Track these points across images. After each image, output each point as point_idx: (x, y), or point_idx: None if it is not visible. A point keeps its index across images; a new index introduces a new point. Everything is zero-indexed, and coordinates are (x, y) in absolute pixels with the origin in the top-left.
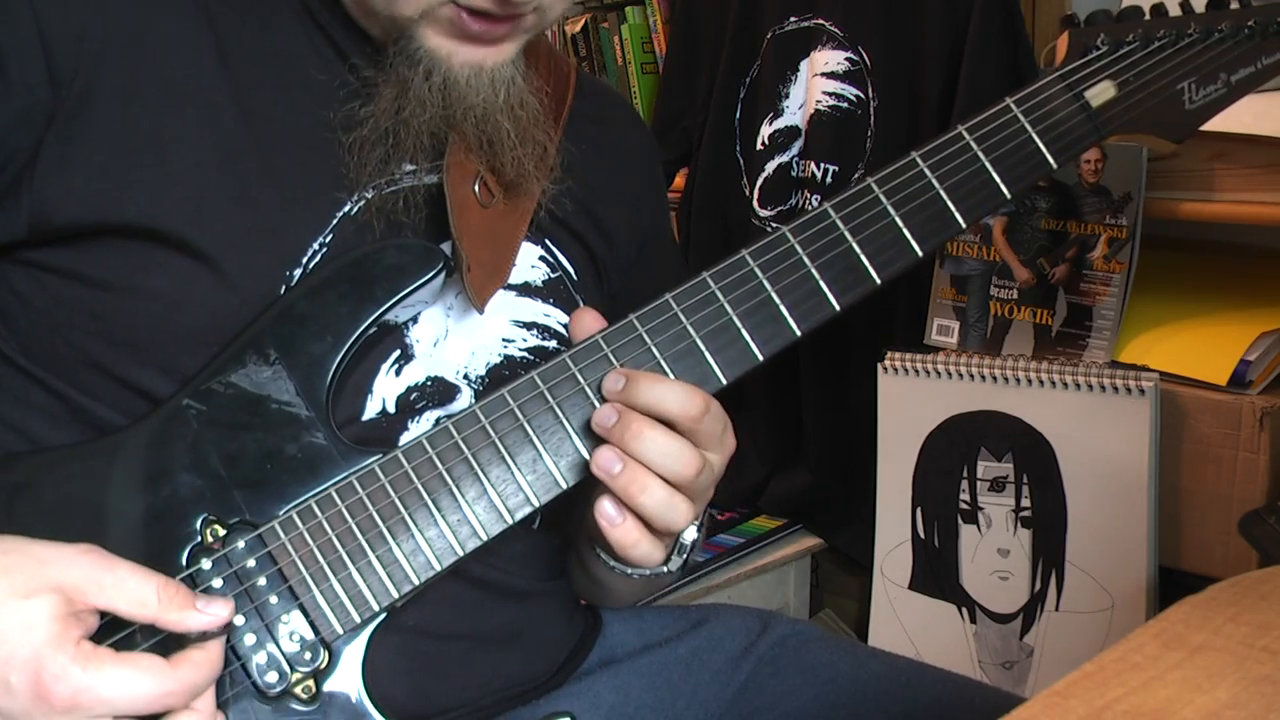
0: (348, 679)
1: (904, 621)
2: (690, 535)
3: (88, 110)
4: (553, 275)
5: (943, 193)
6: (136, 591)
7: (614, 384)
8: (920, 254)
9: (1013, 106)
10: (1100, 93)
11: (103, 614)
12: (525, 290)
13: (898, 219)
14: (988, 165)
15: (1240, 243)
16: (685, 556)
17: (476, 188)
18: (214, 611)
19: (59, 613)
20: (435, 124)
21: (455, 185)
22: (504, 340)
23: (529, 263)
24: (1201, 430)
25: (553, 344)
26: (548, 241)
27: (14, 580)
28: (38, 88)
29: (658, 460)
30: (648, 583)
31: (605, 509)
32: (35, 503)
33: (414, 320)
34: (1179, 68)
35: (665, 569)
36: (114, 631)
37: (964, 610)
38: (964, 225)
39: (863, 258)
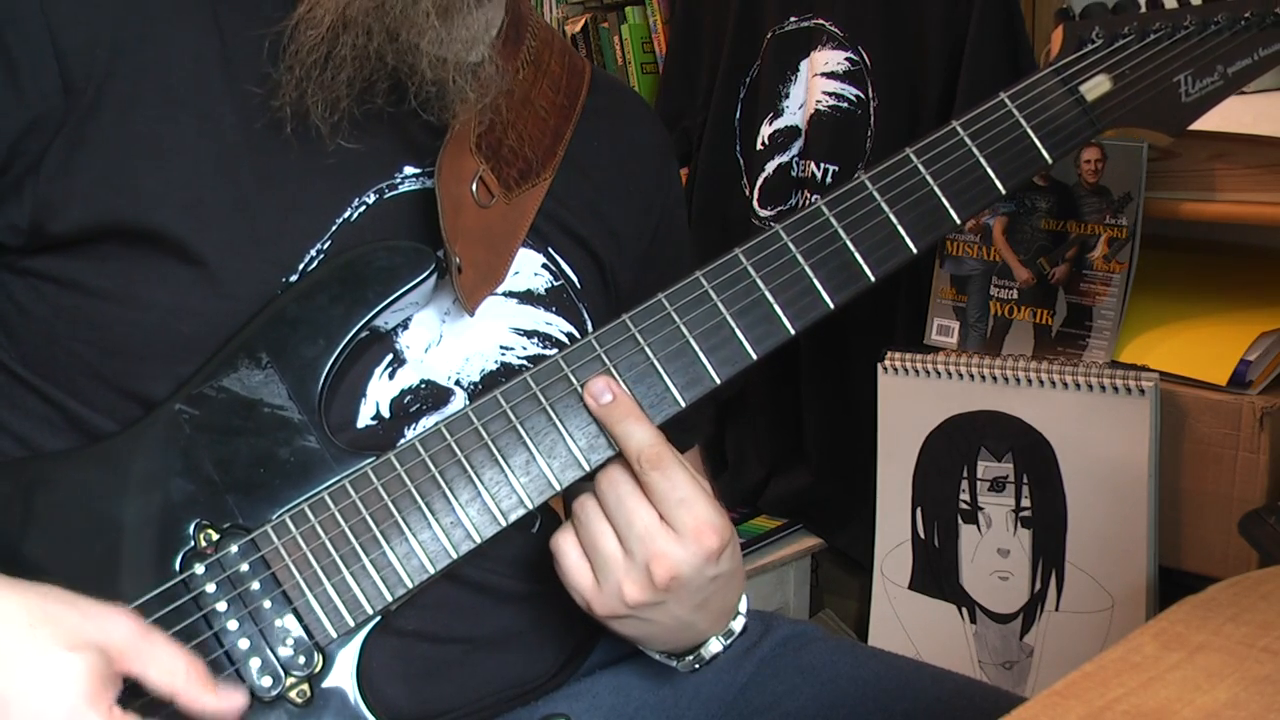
0: (342, 682)
1: (904, 621)
2: (714, 648)
3: (94, 116)
4: (556, 283)
5: (937, 189)
6: (168, 663)
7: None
8: (915, 251)
9: (1007, 101)
10: (1095, 86)
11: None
12: (527, 298)
13: (892, 216)
14: (982, 161)
15: (1240, 243)
16: (700, 665)
17: (474, 187)
18: (230, 700)
19: (98, 671)
20: (381, 46)
21: (448, 185)
22: (502, 347)
23: (532, 270)
24: (1201, 430)
25: (553, 352)
26: (551, 249)
27: (57, 630)
28: (52, 96)
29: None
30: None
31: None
32: (29, 510)
33: (404, 326)
34: (1175, 60)
35: (674, 664)
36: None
37: (964, 610)
38: (959, 221)
39: (857, 255)
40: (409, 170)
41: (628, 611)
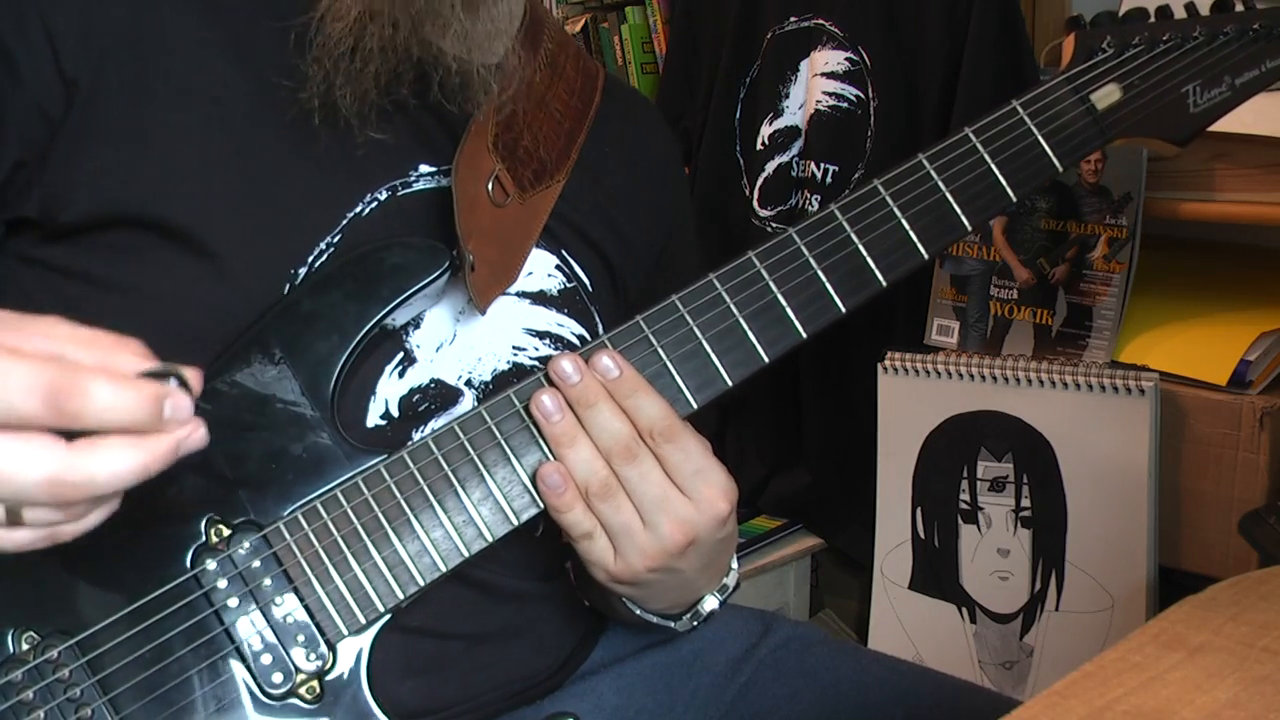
0: (352, 679)
1: (904, 622)
2: (710, 605)
3: (97, 106)
4: (568, 285)
5: (949, 195)
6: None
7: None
8: (926, 256)
9: (1019, 109)
10: (1105, 96)
11: None
12: (540, 299)
13: (904, 221)
14: (994, 168)
15: (1240, 243)
16: (697, 623)
17: (490, 186)
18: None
19: None
20: (406, 38)
21: (464, 183)
22: (515, 348)
23: (545, 271)
24: (1201, 430)
25: None
26: (563, 251)
27: None
28: (51, 84)
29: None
30: (651, 626)
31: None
32: None
33: (416, 325)
34: (1184, 71)
35: (672, 624)
36: None
37: (964, 610)
38: (969, 228)
39: (869, 260)
40: (424, 169)
41: (645, 577)
